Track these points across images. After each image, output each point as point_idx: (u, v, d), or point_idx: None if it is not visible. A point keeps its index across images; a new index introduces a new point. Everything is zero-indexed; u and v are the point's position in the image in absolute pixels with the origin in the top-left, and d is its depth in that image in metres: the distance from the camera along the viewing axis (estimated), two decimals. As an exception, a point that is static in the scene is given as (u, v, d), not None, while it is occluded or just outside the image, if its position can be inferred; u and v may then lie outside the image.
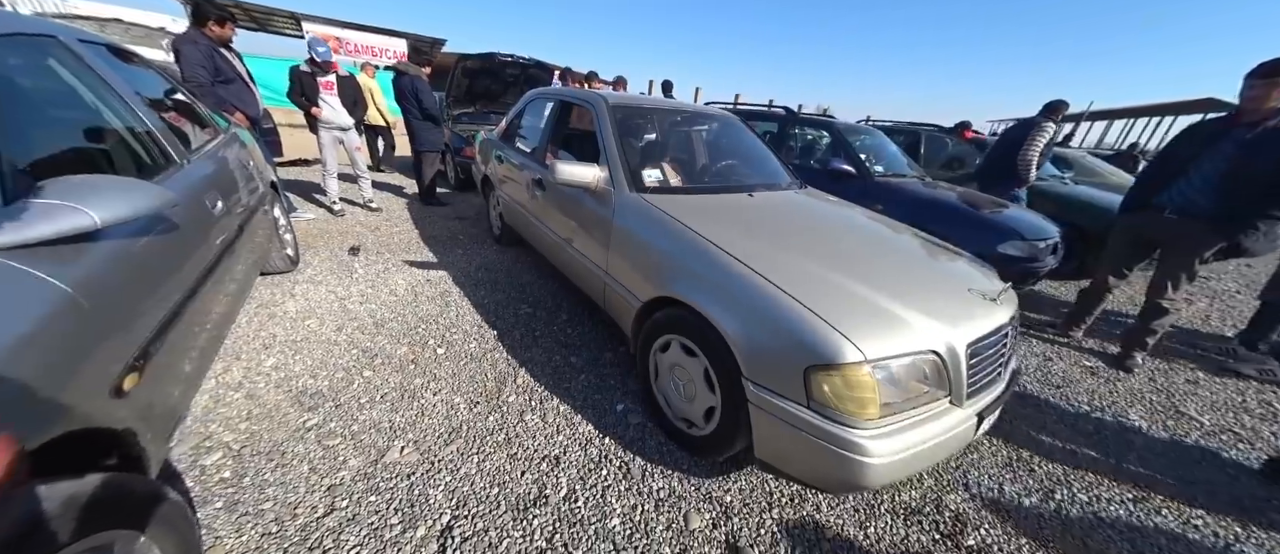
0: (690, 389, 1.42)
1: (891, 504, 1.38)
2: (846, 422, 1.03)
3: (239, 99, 2.88)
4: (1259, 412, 2.05)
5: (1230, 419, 1.97)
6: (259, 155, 2.41)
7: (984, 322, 1.23)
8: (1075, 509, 1.43)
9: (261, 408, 1.55)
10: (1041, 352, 2.47)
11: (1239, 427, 1.92)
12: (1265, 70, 1.84)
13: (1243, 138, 1.93)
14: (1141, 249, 2.36)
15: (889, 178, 3.39)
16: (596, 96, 2.20)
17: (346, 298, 2.38)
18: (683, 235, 1.47)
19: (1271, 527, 1.41)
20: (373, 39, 12.37)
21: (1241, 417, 2.00)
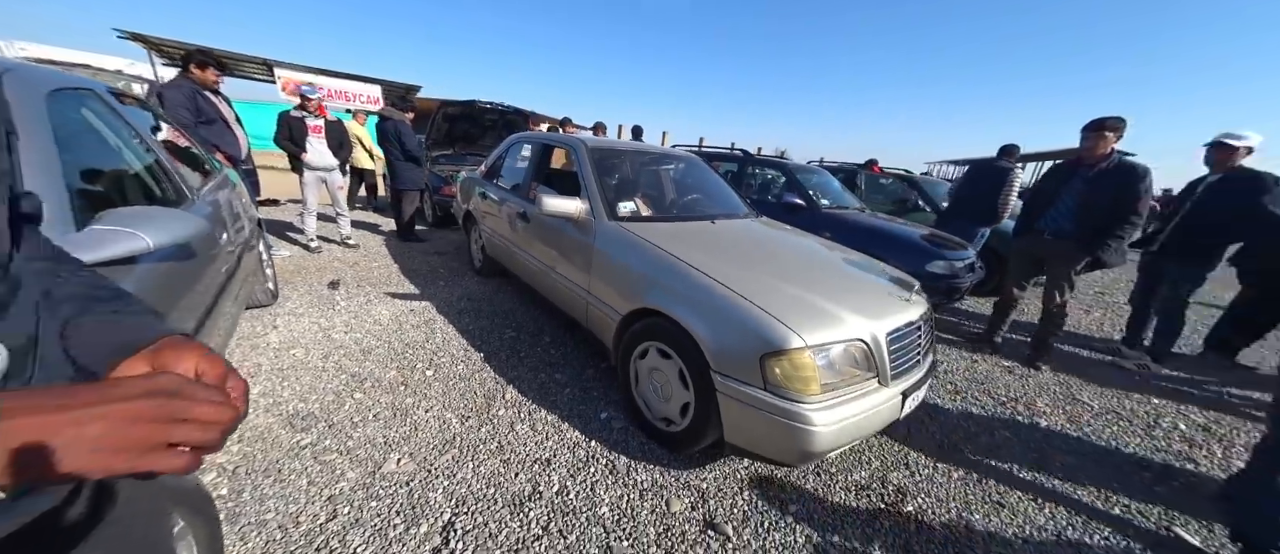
0: (667, 389, 1.61)
1: (845, 482, 1.58)
2: (795, 398, 1.26)
3: (220, 139, 2.98)
4: (1137, 396, 2.46)
5: (1114, 403, 2.36)
6: (246, 194, 2.51)
7: (900, 316, 1.52)
8: (993, 478, 1.69)
9: (252, 431, 1.58)
10: (969, 355, 2.84)
11: (1120, 409, 2.30)
12: (1094, 125, 2.41)
13: (1087, 175, 2.46)
14: (1033, 266, 2.84)
15: (834, 209, 3.86)
16: (576, 140, 2.49)
17: (330, 328, 2.43)
18: (656, 256, 1.71)
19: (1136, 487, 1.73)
20: (347, 85, 12.60)
21: (1123, 401, 2.39)
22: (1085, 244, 2.48)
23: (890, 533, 1.39)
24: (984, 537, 1.41)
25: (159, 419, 0.29)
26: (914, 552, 1.33)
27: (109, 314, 0.42)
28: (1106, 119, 2.41)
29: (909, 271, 2.42)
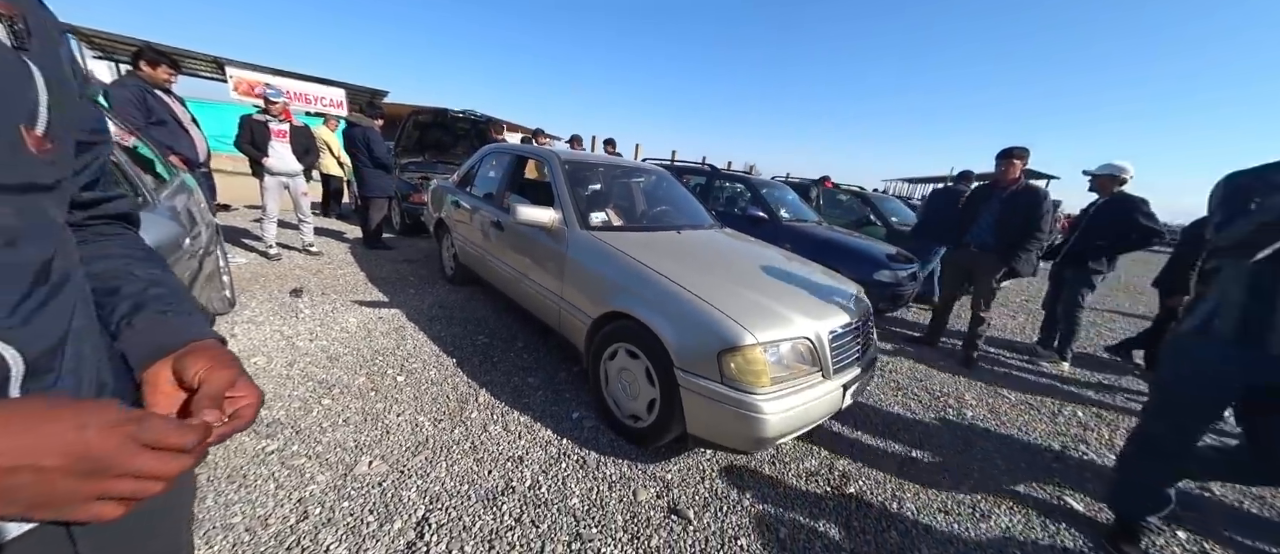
0: (634, 388, 1.72)
1: (797, 469, 1.74)
2: (748, 389, 1.40)
3: (174, 141, 2.87)
4: (1046, 391, 2.81)
5: (1027, 397, 2.68)
6: (203, 199, 2.45)
7: (842, 318, 1.71)
8: (925, 462, 1.90)
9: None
10: (912, 356, 3.12)
11: (1032, 401, 2.63)
12: (1004, 154, 2.78)
13: (1001, 196, 2.83)
14: (962, 275, 3.19)
15: (794, 222, 4.14)
16: (550, 153, 2.60)
17: (294, 336, 2.38)
18: (626, 263, 1.84)
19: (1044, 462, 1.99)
20: (307, 87, 12.14)
21: (1035, 395, 2.72)
22: (1003, 255, 2.84)
23: (834, 512, 1.55)
24: (913, 510, 1.60)
25: (89, 473, 0.27)
26: (854, 527, 1.49)
27: (157, 314, 0.46)
28: (1014, 148, 2.79)
29: (857, 279, 2.68)
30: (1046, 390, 2.79)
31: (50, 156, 0.36)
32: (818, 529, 1.46)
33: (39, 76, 0.35)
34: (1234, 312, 1.22)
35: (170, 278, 0.51)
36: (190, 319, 0.47)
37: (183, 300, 0.49)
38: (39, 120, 0.35)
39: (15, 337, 0.33)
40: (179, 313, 0.47)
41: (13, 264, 0.34)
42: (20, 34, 0.34)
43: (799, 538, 1.41)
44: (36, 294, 0.35)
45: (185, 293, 0.51)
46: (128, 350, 0.43)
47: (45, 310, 0.36)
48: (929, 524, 1.54)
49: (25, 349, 0.34)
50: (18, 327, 0.33)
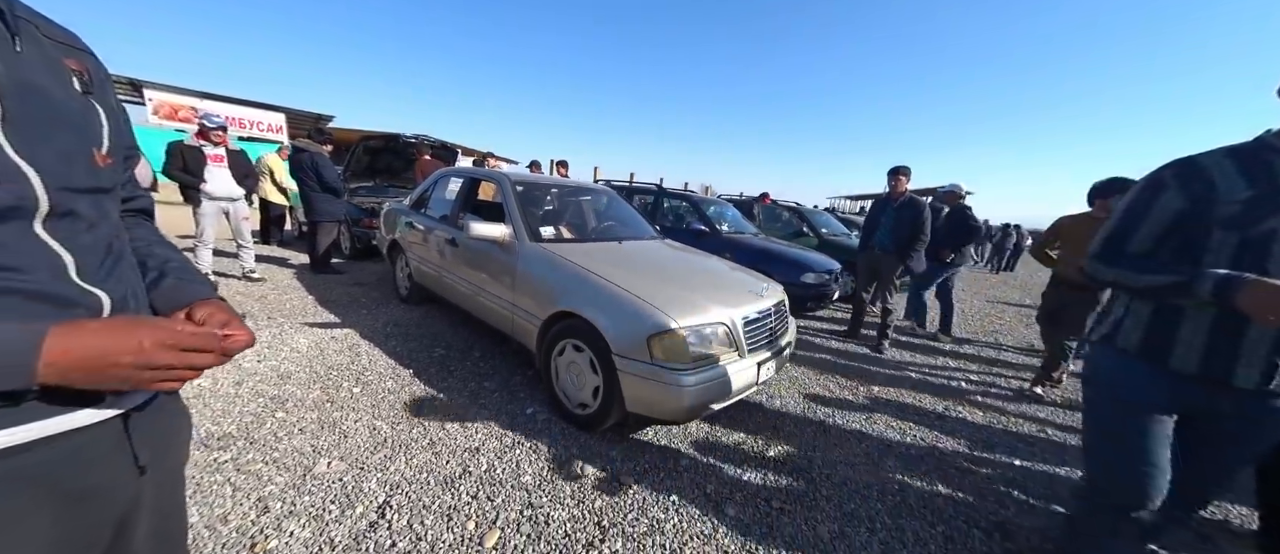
0: (581, 379, 1.93)
1: (726, 442, 2.01)
2: (673, 367, 1.67)
3: None
4: (940, 364, 3.32)
5: (926, 371, 3.17)
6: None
7: (755, 307, 2.04)
8: (836, 426, 2.24)
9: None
10: (836, 346, 3.56)
11: (929, 374, 3.12)
12: (892, 171, 3.37)
13: (893, 207, 3.40)
14: (871, 274, 3.72)
15: (733, 234, 4.59)
16: (501, 175, 2.83)
17: (240, 358, 2.37)
18: (570, 268, 2.08)
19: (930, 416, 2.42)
20: (241, 111, 11.53)
21: (932, 368, 3.23)
22: (899, 255, 3.38)
23: (755, 470, 1.82)
24: (821, 461, 1.91)
25: (145, 367, 0.45)
26: (769, 480, 1.77)
27: (175, 281, 0.64)
28: (900, 167, 3.38)
29: (787, 282, 3.07)
30: (940, 366, 3.31)
31: (110, 168, 0.56)
32: (739, 482, 1.73)
33: (102, 112, 0.55)
34: (1140, 322, 1.06)
35: (181, 257, 0.69)
36: (201, 286, 0.65)
37: (195, 273, 0.67)
38: (104, 144, 0.55)
39: (104, 286, 0.52)
40: (193, 281, 0.64)
41: (94, 242, 0.52)
42: (87, 83, 0.54)
43: (722, 491, 1.67)
44: (108, 261, 0.53)
45: (196, 269, 0.69)
46: (156, 304, 0.61)
47: (117, 270, 0.54)
48: (830, 474, 1.86)
49: (111, 294, 0.52)
50: (103, 280, 0.52)
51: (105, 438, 0.51)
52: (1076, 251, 2.59)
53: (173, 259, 0.67)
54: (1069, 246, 2.66)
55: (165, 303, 0.61)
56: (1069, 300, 2.68)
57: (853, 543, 1.48)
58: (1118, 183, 2.45)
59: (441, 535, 1.33)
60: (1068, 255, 2.66)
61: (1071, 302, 2.67)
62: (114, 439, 0.52)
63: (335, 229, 4.31)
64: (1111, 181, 2.49)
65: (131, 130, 0.66)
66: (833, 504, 1.66)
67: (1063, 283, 2.71)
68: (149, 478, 0.56)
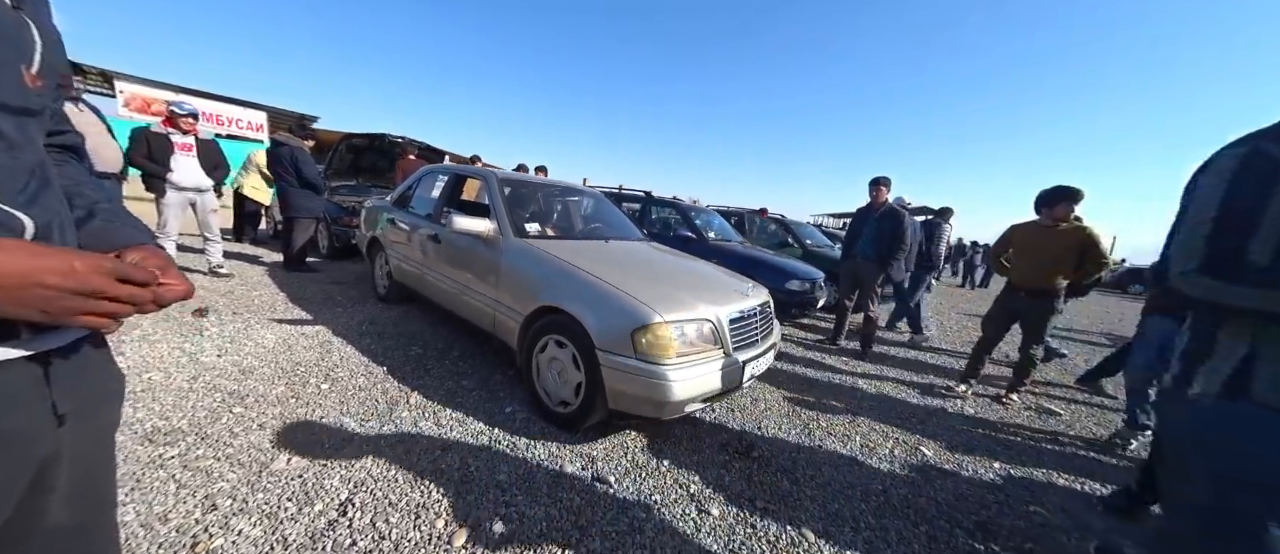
0: (564, 375, 1.88)
1: (710, 442, 1.97)
2: (657, 361, 1.63)
3: None
4: (922, 368, 3.37)
5: (906, 374, 3.21)
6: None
7: (740, 306, 2.03)
8: (819, 429, 2.23)
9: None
10: (820, 353, 3.58)
11: (908, 378, 3.15)
12: (873, 182, 3.47)
13: (874, 217, 3.48)
14: (854, 282, 3.77)
15: (719, 242, 4.63)
16: (488, 172, 2.79)
17: (198, 352, 2.23)
18: (554, 263, 2.04)
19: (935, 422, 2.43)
20: (220, 107, 11.26)
21: (912, 372, 3.26)
22: (880, 264, 3.45)
23: (739, 471, 1.78)
24: (805, 462, 1.88)
25: (78, 293, 0.40)
26: (754, 479, 1.74)
27: (105, 222, 0.58)
28: (880, 178, 3.48)
29: (772, 288, 3.09)
30: (921, 373, 3.35)
31: (39, 90, 0.50)
32: (723, 482, 1.68)
33: (34, 28, 0.50)
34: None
35: (115, 202, 0.63)
36: (135, 229, 0.60)
37: (128, 217, 0.61)
38: (35, 62, 0.50)
39: (28, 211, 0.46)
40: (125, 224, 0.59)
41: (15, 165, 0.47)
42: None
43: (706, 491, 1.62)
44: (32, 185, 0.48)
45: (129, 213, 0.63)
46: (84, 244, 0.54)
47: (41, 197, 0.49)
48: (814, 475, 1.83)
49: (36, 220, 0.47)
50: (25, 205, 0.47)
51: (21, 379, 0.45)
52: (1029, 258, 2.62)
53: (103, 200, 0.61)
54: (1022, 254, 2.67)
55: (94, 242, 0.55)
56: (1026, 307, 2.65)
57: (838, 542, 1.45)
58: (1063, 191, 2.49)
59: (407, 533, 1.25)
60: (1021, 262, 2.66)
61: (1028, 308, 2.64)
62: (32, 382, 0.46)
63: (312, 226, 4.17)
64: (1057, 190, 2.51)
65: (66, 59, 0.61)
66: (817, 504, 1.63)
67: (1019, 290, 2.67)
68: (70, 430, 0.50)
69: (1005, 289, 2.80)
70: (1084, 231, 2.44)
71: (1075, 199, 2.49)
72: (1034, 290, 2.59)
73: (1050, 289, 2.53)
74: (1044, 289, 2.55)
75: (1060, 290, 2.54)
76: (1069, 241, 2.46)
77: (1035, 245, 2.58)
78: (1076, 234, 2.46)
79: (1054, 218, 2.54)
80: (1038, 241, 2.57)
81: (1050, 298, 2.55)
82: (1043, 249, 2.53)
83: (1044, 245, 2.53)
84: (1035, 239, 2.60)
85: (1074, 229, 2.47)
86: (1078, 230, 2.46)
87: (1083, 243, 2.43)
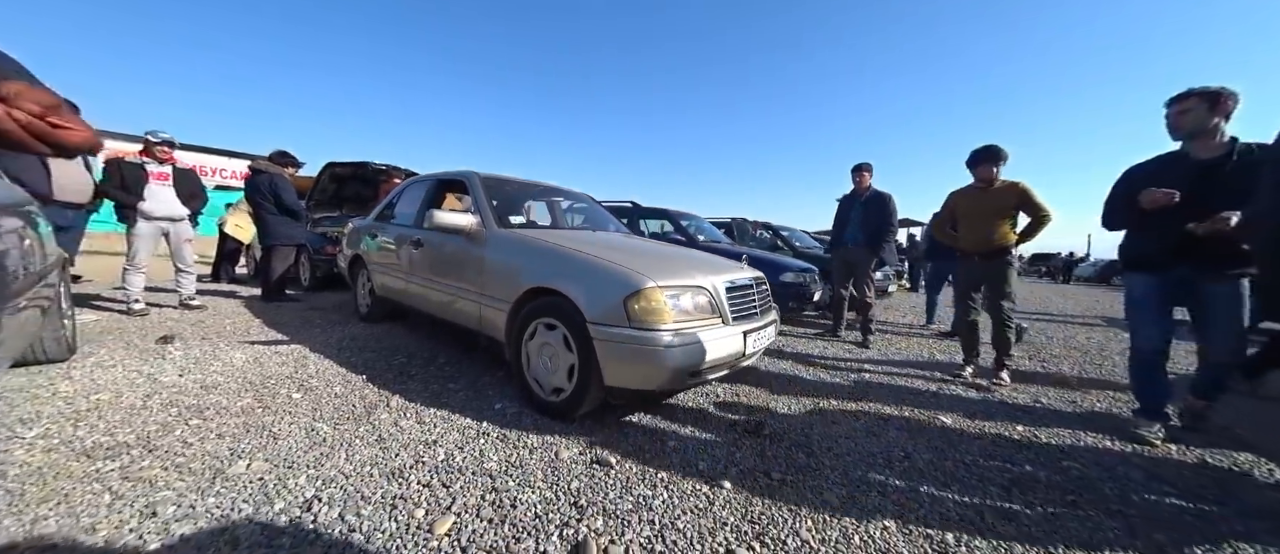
0: (555, 360, 1.76)
1: (717, 422, 1.84)
2: (653, 328, 1.53)
3: (21, 170, 2.53)
4: (920, 355, 3.28)
5: (911, 356, 3.11)
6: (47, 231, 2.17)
7: (735, 276, 1.96)
8: (829, 408, 2.11)
9: (24, 471, 1.26)
10: (822, 345, 3.48)
11: (915, 358, 3.06)
12: (856, 168, 3.52)
13: (860, 202, 3.50)
14: (847, 270, 3.74)
15: (710, 243, 4.61)
16: (469, 171, 2.75)
17: (158, 373, 2.06)
18: (539, 245, 1.97)
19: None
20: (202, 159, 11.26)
21: (917, 354, 3.17)
22: (871, 249, 3.44)
23: (750, 448, 1.65)
24: (820, 436, 1.75)
25: None
26: (767, 454, 1.60)
27: None
28: (863, 164, 3.53)
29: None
30: (925, 356, 3.26)
31: None
32: (733, 458, 1.55)
33: None
34: None
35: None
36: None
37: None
38: None
39: None
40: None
41: None
42: None
43: (717, 468, 1.48)
44: None
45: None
46: None
47: None
48: (831, 447, 1.70)
49: None
50: None
51: None
52: (973, 221, 2.62)
53: None
54: (966, 219, 2.66)
55: None
56: (982, 270, 2.61)
57: (865, 507, 1.31)
58: (986, 151, 2.53)
59: (381, 525, 1.09)
60: (967, 228, 2.66)
61: (985, 271, 2.60)
62: None
63: (292, 254, 4.04)
64: (987, 149, 2.53)
65: None
66: (838, 473, 1.49)
67: (972, 255, 2.65)
68: None
69: (960, 260, 2.80)
70: (1018, 186, 2.49)
71: (996, 158, 2.53)
72: (986, 252, 2.58)
73: (1003, 247, 2.54)
74: (996, 248, 2.54)
75: (1010, 247, 2.54)
76: (1005, 199, 2.52)
77: (976, 208, 2.63)
78: (1012, 190, 2.51)
79: (982, 179, 2.59)
80: (977, 204, 2.62)
81: (1003, 255, 2.55)
82: (983, 210, 2.58)
83: (983, 206, 2.58)
84: (975, 203, 2.64)
85: (1009, 186, 2.52)
86: (1012, 186, 2.51)
87: (1019, 196, 2.49)
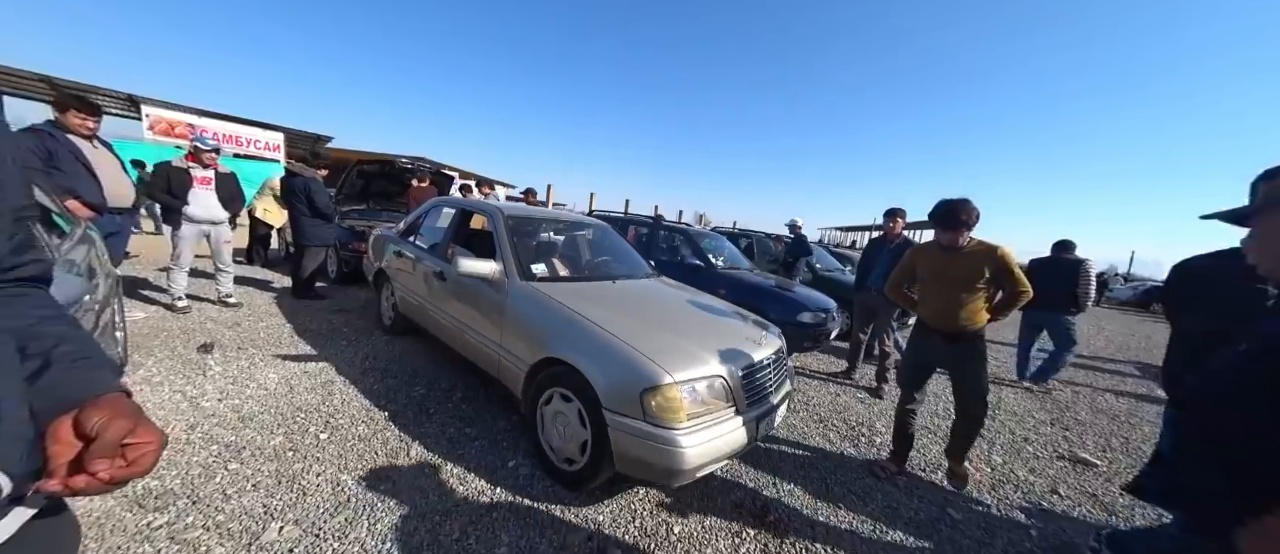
0: (569, 431, 1.80)
1: (722, 503, 1.86)
2: (668, 426, 1.55)
3: (74, 183, 2.68)
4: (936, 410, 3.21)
5: (931, 416, 3.06)
6: (104, 250, 2.30)
7: (755, 355, 1.94)
8: (837, 488, 2.10)
9: (85, 521, 1.39)
10: (834, 390, 3.44)
11: (934, 415, 3.00)
12: (888, 213, 3.38)
13: (890, 248, 3.38)
14: (868, 315, 3.65)
15: (728, 270, 4.54)
16: (494, 207, 2.76)
17: (199, 396, 2.20)
18: (560, 311, 1.98)
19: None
20: (238, 129, 11.57)
21: (939, 413, 3.11)
22: (895, 298, 3.33)
23: (754, 542, 1.67)
24: (825, 529, 1.76)
25: None
26: (771, 549, 1.62)
27: (62, 371, 0.50)
28: (896, 209, 3.39)
29: (782, 321, 2.98)
30: (942, 410, 3.20)
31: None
32: (739, 552, 1.58)
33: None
34: None
35: (77, 334, 0.54)
36: (94, 373, 0.51)
37: (89, 356, 0.52)
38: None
39: None
40: (84, 368, 0.51)
41: None
42: None
43: (720, 566, 1.51)
44: None
45: (93, 347, 0.54)
46: (36, 406, 0.47)
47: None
48: (836, 541, 1.71)
49: None
50: None
51: None
52: (936, 288, 2.08)
53: (64, 339, 0.53)
54: (930, 286, 2.11)
55: (48, 401, 0.48)
56: (944, 355, 2.11)
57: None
58: (955, 208, 1.96)
59: (399, 626, 1.16)
60: (928, 295, 2.12)
61: (950, 357, 2.09)
62: None
63: (322, 254, 4.18)
64: (949, 206, 1.99)
65: (27, 186, 0.54)
66: (840, 582, 1.51)
67: (933, 331, 2.11)
68: None
69: (916, 329, 2.24)
70: (996, 251, 1.94)
71: (960, 221, 1.93)
72: (951, 332, 2.02)
73: (973, 330, 1.99)
74: (963, 330, 1.99)
75: (982, 330, 2.02)
76: (976, 266, 1.95)
77: (939, 272, 2.05)
78: (985, 254, 1.95)
79: (944, 245, 2.04)
80: (941, 268, 2.04)
81: (974, 340, 2.01)
82: (949, 277, 2.01)
83: (948, 271, 2.01)
84: (938, 265, 2.06)
85: (983, 249, 1.96)
86: (987, 250, 1.95)
87: (995, 265, 1.93)
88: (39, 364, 0.50)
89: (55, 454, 0.45)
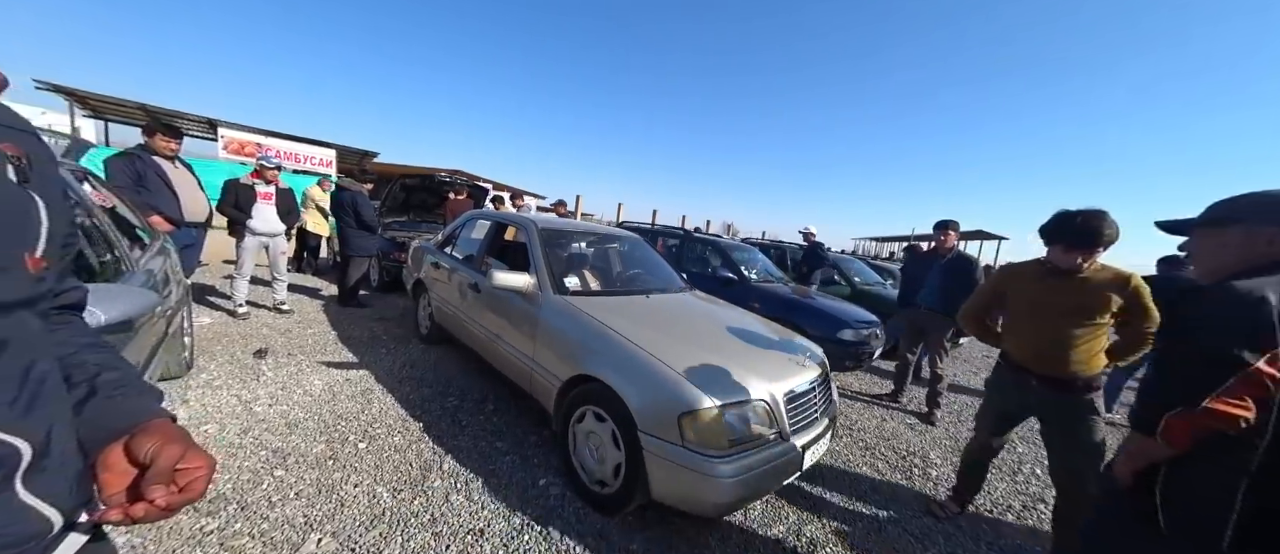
0: (601, 452, 1.73)
1: (764, 538, 1.73)
2: (707, 453, 1.45)
3: (157, 200, 2.93)
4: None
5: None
6: (178, 261, 2.49)
7: (798, 379, 1.81)
8: (890, 527, 1.92)
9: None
10: (880, 415, 3.21)
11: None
12: (940, 225, 3.15)
13: (940, 263, 3.14)
14: (916, 334, 3.39)
15: (762, 283, 4.38)
16: (528, 220, 2.78)
17: (253, 400, 2.30)
18: (594, 327, 1.93)
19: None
20: (298, 147, 12.51)
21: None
22: (948, 315, 3.08)
23: (800, 581, 1.54)
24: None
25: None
26: (819, 596, 1.48)
27: (107, 399, 0.49)
28: (948, 221, 3.16)
29: (822, 339, 2.82)
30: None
31: (42, 272, 0.44)
32: (782, 600, 1.44)
33: (41, 205, 0.44)
34: None
35: (117, 360, 0.55)
36: (140, 400, 0.51)
37: (133, 383, 0.52)
38: (40, 245, 0.43)
39: (23, 425, 0.40)
40: (129, 395, 0.51)
41: (9, 371, 0.40)
42: (24, 170, 0.43)
43: (763, 611, 1.39)
44: (26, 392, 0.41)
45: (135, 375, 0.54)
46: (82, 435, 0.46)
47: (38, 403, 0.42)
48: (893, 592, 1.54)
49: (31, 436, 0.40)
50: (22, 415, 0.40)
51: None
52: (1040, 329, 1.66)
53: (108, 366, 0.52)
54: (1030, 321, 1.70)
55: (95, 430, 0.47)
56: (1046, 407, 1.69)
57: None
58: (1093, 221, 1.51)
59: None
60: (1024, 330, 1.72)
61: (1051, 410, 1.68)
62: None
63: (366, 264, 4.39)
64: (1085, 219, 1.53)
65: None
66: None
67: (1028, 373, 1.69)
68: None
69: (1002, 369, 1.80)
70: (1130, 280, 1.51)
71: (1097, 237, 1.49)
72: (1057, 379, 1.59)
73: (1087, 378, 1.56)
74: (1073, 377, 1.56)
75: (1097, 378, 1.58)
76: (1100, 297, 1.52)
77: (1045, 303, 1.62)
78: (1115, 282, 1.52)
79: (1064, 264, 1.59)
80: (1049, 297, 1.62)
81: (1086, 390, 1.57)
82: (1059, 307, 1.58)
83: (1060, 301, 1.58)
84: (1044, 293, 1.64)
85: (1112, 276, 1.54)
86: (1117, 278, 1.53)
87: (1129, 296, 1.51)
88: (84, 392, 0.49)
89: (107, 483, 0.45)
